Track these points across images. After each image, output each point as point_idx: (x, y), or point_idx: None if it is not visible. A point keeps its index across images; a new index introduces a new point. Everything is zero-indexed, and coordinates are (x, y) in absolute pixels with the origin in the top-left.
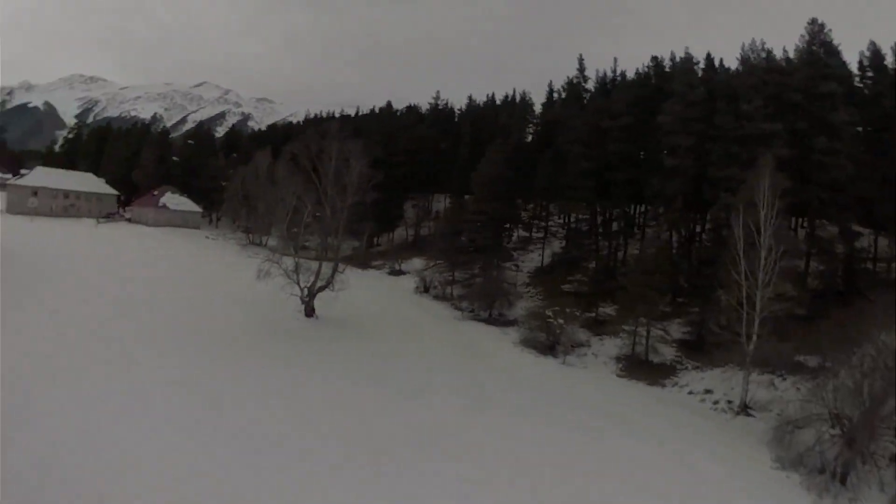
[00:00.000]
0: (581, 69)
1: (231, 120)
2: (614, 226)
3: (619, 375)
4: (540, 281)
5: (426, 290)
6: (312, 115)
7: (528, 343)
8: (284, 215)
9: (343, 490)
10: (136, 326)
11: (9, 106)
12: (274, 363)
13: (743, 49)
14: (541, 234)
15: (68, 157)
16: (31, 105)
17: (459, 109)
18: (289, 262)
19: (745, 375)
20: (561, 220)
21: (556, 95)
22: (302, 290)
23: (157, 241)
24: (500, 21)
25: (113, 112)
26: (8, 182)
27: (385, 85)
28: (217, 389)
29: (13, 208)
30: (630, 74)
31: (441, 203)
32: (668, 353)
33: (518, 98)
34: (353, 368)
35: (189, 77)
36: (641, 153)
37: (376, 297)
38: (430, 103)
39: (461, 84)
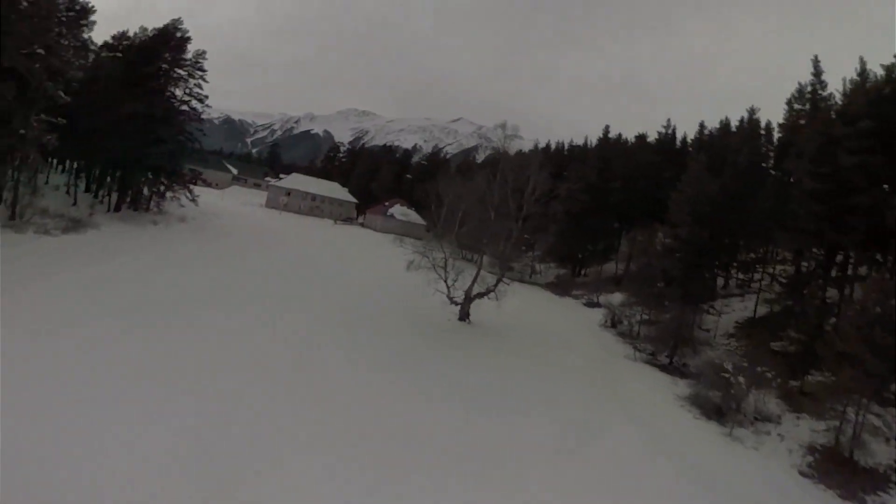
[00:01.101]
0: (817, 73)
1: (483, 154)
2: (849, 269)
3: (802, 473)
4: (746, 334)
5: (613, 324)
6: (544, 145)
7: (695, 401)
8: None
9: None
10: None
11: (295, 132)
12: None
13: None
14: (759, 277)
15: (325, 171)
16: (312, 132)
17: (692, 139)
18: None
19: None
20: (783, 260)
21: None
22: (449, 288)
23: (373, 242)
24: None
25: (379, 141)
26: (269, 183)
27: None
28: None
29: (270, 204)
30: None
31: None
32: (884, 453)
33: (749, 119)
34: (470, 390)
35: (448, 113)
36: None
37: (555, 323)
38: (658, 132)
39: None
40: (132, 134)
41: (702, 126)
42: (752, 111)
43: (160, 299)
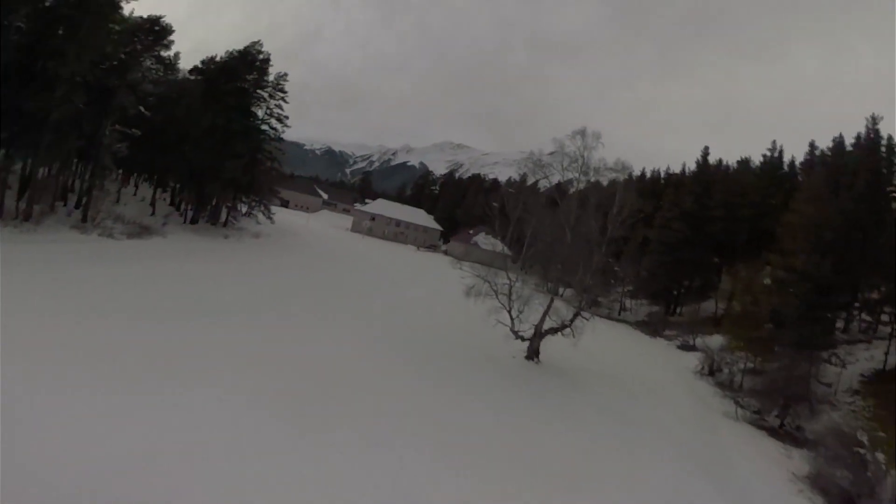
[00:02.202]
0: None
1: (577, 186)
2: None
3: None
4: (876, 391)
5: (710, 372)
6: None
7: (816, 482)
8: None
9: None
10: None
11: (392, 163)
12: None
13: None
14: (889, 319)
15: (415, 199)
16: (409, 164)
17: (801, 161)
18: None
19: None
20: None
21: None
22: (513, 319)
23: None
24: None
25: (474, 171)
26: (355, 207)
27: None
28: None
29: (355, 228)
30: None
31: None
32: None
33: (868, 133)
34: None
35: (545, 146)
36: None
37: (642, 367)
38: (763, 154)
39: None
40: (210, 147)
41: (812, 146)
42: (873, 119)
43: (154, 305)
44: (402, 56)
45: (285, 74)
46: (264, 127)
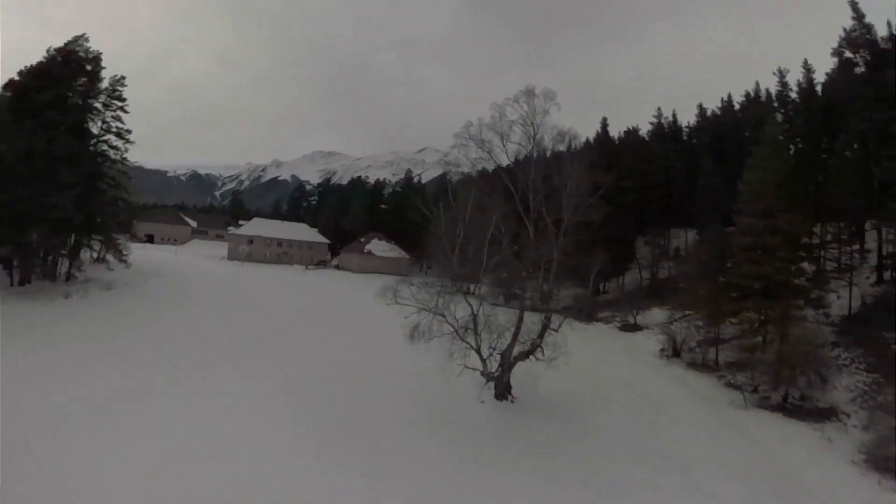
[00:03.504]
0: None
1: (454, 179)
2: None
3: None
4: (853, 340)
5: (676, 352)
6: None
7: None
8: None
9: None
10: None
11: (262, 180)
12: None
13: None
14: (838, 265)
15: (293, 214)
16: (280, 178)
17: (688, 126)
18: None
19: None
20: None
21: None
22: (485, 360)
23: (350, 286)
24: None
25: (347, 179)
26: (228, 232)
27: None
28: None
29: (232, 255)
30: None
31: (680, 239)
32: None
33: (764, 91)
34: None
35: (413, 145)
36: None
37: (606, 365)
38: (651, 122)
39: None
40: (27, 179)
41: (700, 108)
42: (781, 74)
43: None
44: (264, 67)
45: (122, 78)
46: (102, 147)
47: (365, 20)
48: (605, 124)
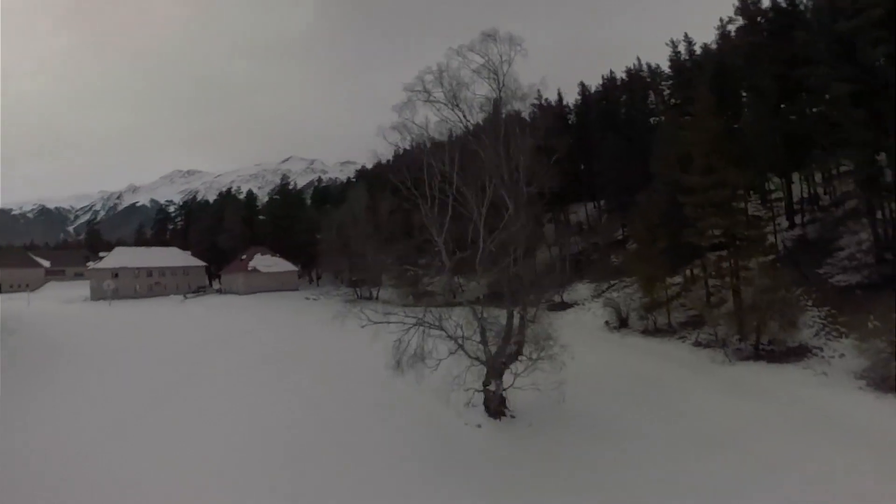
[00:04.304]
0: None
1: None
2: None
3: None
4: (791, 280)
5: (624, 323)
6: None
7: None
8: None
9: None
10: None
11: (120, 208)
12: None
13: None
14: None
15: (160, 240)
16: (138, 204)
17: (573, 104)
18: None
19: None
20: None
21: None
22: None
23: (244, 311)
24: None
25: (211, 198)
26: (88, 268)
27: None
28: None
29: (96, 294)
30: None
31: (578, 215)
32: None
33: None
34: None
35: (277, 154)
36: None
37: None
38: (532, 104)
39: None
40: None
41: (583, 86)
42: (674, 44)
43: None
44: (110, 86)
45: None
46: None
47: (217, 30)
48: (497, 103)
